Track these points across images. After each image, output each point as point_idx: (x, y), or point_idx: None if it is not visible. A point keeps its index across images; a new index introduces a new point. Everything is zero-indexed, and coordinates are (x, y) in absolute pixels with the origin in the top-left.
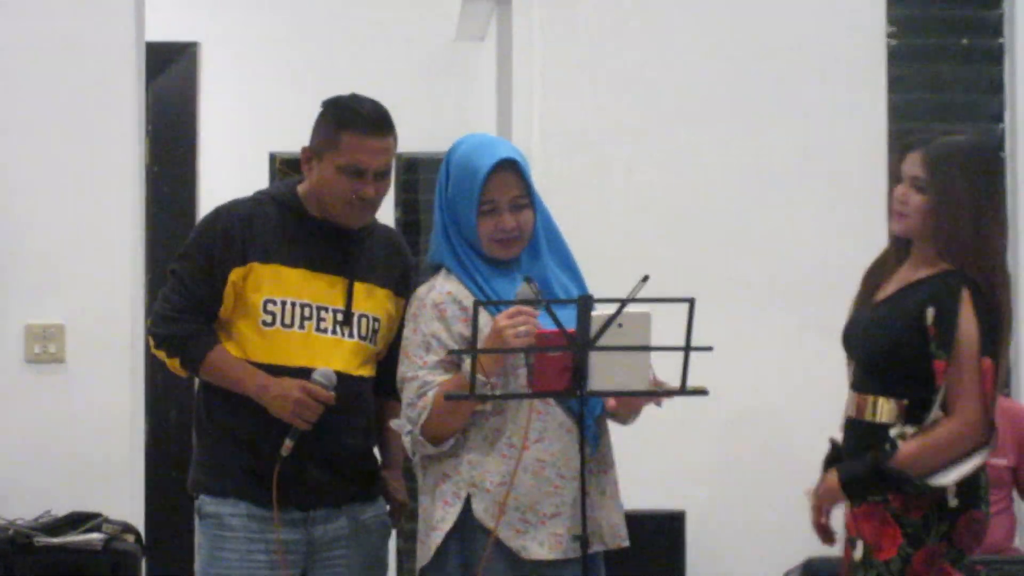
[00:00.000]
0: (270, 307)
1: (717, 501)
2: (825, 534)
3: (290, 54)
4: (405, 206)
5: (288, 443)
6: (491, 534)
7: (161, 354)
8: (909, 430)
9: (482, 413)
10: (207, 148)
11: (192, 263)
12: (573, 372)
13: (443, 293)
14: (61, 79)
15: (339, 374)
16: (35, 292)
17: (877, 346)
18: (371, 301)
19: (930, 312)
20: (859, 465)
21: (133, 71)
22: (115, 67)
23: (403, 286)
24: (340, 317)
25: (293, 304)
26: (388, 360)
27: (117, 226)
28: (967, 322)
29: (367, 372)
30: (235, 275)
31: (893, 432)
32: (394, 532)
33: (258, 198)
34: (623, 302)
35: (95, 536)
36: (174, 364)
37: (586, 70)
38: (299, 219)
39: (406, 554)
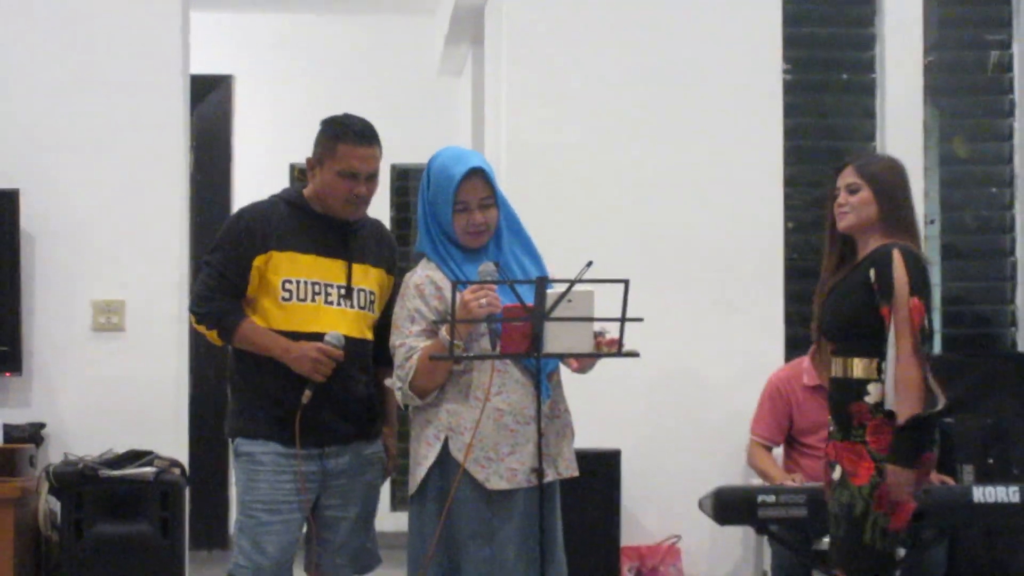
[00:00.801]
0: (287, 286)
1: (646, 441)
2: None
3: (306, 85)
4: (398, 207)
5: (308, 393)
6: (460, 468)
7: (202, 328)
8: (881, 385)
9: (457, 371)
10: (239, 160)
11: (223, 254)
12: (532, 338)
13: (423, 276)
14: (124, 105)
15: (345, 337)
16: (101, 274)
17: (842, 316)
18: (367, 278)
19: (872, 272)
20: (898, 448)
21: (180, 98)
22: (166, 95)
23: (391, 265)
24: (343, 292)
25: (305, 283)
26: (384, 335)
27: (167, 221)
28: (899, 273)
29: (368, 336)
30: (258, 261)
31: (870, 387)
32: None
33: (272, 200)
34: (572, 282)
35: (148, 469)
36: (212, 335)
37: (542, 98)
38: (306, 215)
39: (397, 484)
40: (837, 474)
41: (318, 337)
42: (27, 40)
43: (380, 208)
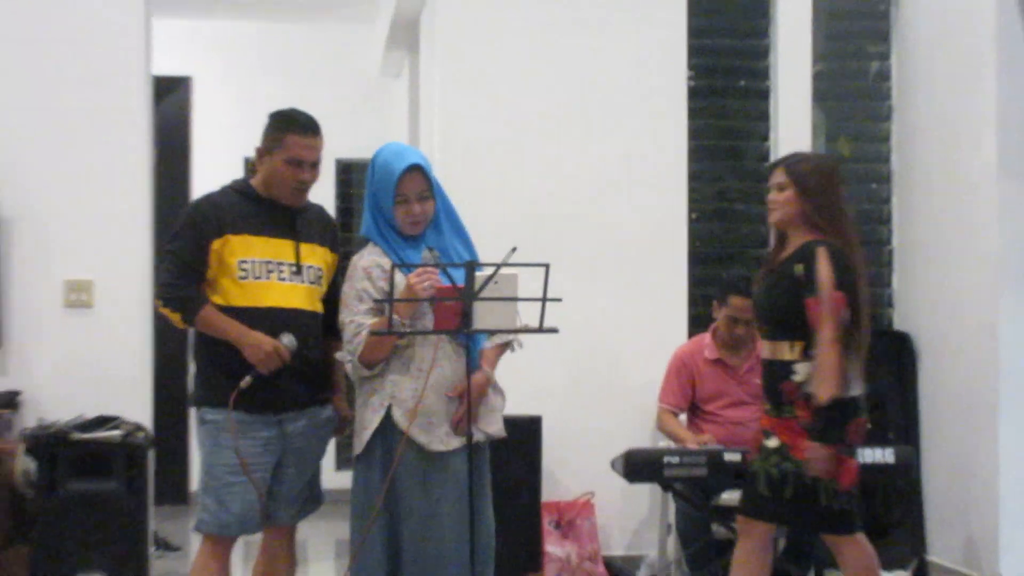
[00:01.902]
0: (243, 265)
1: (565, 409)
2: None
3: (258, 86)
4: (342, 198)
5: (248, 379)
6: (404, 434)
7: (166, 311)
8: (806, 364)
9: (401, 346)
10: (197, 153)
11: (183, 241)
12: (462, 316)
13: (370, 260)
14: (93, 103)
15: (298, 310)
16: (71, 256)
17: (771, 304)
18: (313, 256)
19: (799, 267)
20: (815, 425)
21: (143, 97)
22: (130, 94)
23: (335, 244)
24: (293, 269)
25: (259, 262)
26: (330, 308)
27: (132, 209)
28: (823, 268)
29: (319, 308)
30: (216, 244)
31: (796, 367)
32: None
33: (223, 189)
34: (498, 266)
35: (115, 433)
36: (176, 319)
37: (471, 99)
38: (255, 201)
39: (341, 447)
40: (774, 443)
41: (274, 312)
42: (1, 45)
43: (325, 199)
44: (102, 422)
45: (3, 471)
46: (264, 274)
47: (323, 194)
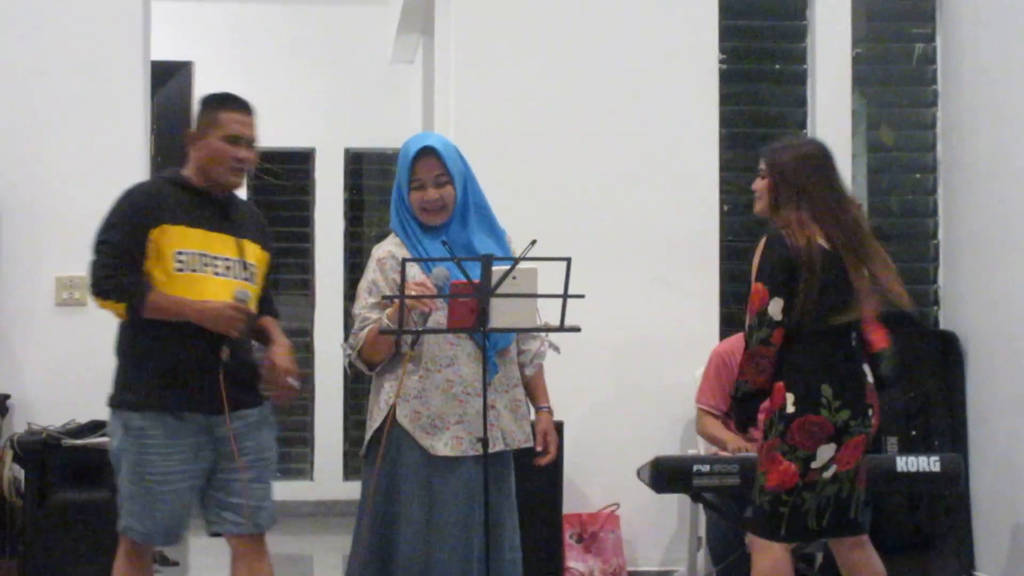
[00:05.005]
0: (180, 257)
1: (588, 414)
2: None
3: (264, 71)
4: (352, 190)
5: (226, 350)
6: (389, 429)
7: (108, 305)
8: None
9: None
10: None
11: (119, 231)
12: (478, 313)
13: (386, 251)
14: (89, 90)
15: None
16: (64, 252)
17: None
18: (250, 253)
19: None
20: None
21: (141, 83)
22: (128, 80)
23: (266, 242)
24: (229, 264)
25: (196, 254)
26: (263, 311)
27: None
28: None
29: (251, 307)
30: (154, 233)
31: None
32: (342, 438)
33: (156, 179)
34: (516, 260)
35: (108, 438)
36: (119, 310)
37: (489, 85)
38: (189, 193)
39: (350, 456)
40: None
41: None
42: None
43: (334, 191)
44: (95, 427)
45: None
46: (200, 267)
47: (331, 187)
